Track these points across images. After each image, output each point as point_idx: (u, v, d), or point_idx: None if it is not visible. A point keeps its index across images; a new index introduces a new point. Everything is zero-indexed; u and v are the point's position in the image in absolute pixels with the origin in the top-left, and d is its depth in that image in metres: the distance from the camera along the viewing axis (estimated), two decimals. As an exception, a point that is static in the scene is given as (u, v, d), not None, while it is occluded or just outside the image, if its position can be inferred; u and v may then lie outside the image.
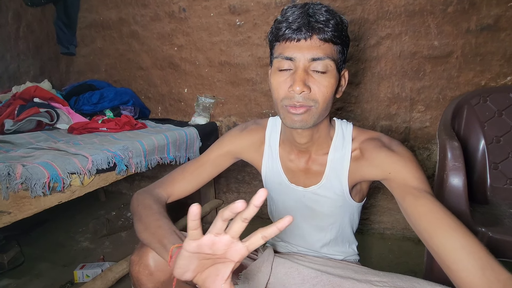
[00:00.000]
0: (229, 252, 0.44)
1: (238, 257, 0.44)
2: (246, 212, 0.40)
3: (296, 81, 0.60)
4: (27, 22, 2.34)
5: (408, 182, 0.62)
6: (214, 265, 0.47)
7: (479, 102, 1.29)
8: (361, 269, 0.71)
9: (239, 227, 0.42)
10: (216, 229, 0.42)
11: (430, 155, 1.55)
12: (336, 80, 0.64)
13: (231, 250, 0.44)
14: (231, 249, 0.44)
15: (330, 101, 0.65)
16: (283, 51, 0.63)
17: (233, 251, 0.44)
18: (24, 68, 2.43)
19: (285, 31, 0.61)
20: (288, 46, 0.62)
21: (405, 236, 1.68)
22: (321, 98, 0.63)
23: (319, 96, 0.62)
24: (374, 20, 1.48)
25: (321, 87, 0.62)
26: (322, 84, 0.62)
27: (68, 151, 1.10)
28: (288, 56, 0.62)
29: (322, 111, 0.65)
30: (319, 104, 0.63)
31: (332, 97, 0.65)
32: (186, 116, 2.03)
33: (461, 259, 0.50)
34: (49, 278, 1.44)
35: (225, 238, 0.43)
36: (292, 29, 0.60)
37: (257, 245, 0.43)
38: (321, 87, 0.62)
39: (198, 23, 1.83)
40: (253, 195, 0.39)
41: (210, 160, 0.86)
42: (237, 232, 0.43)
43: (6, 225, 0.87)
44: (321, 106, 0.63)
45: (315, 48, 0.60)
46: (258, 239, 0.42)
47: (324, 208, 0.79)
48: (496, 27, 1.32)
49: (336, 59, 0.63)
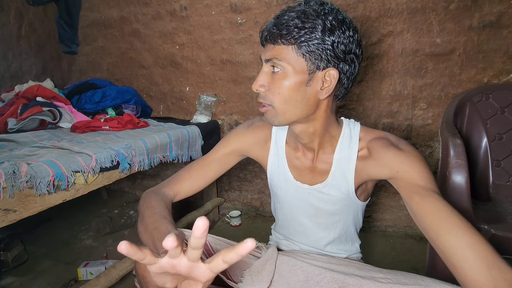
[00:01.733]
0: (194, 273, 0.42)
1: (204, 278, 0.43)
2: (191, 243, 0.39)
3: (255, 80, 0.67)
4: (29, 21, 2.34)
5: (415, 181, 0.62)
6: (187, 280, 0.46)
7: (481, 100, 1.29)
8: (365, 267, 0.72)
9: (191, 255, 0.40)
10: (172, 254, 0.41)
11: (432, 153, 1.55)
12: (297, 81, 0.64)
13: (195, 272, 0.42)
14: (195, 271, 0.42)
15: (290, 101, 0.65)
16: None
17: (197, 273, 0.42)
18: (26, 67, 2.44)
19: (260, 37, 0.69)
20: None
21: (407, 233, 1.68)
22: (275, 97, 0.66)
23: (275, 96, 0.66)
24: (376, 18, 1.48)
25: (275, 88, 0.65)
26: (276, 84, 0.65)
27: (72, 149, 1.11)
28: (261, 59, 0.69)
29: (284, 111, 0.66)
30: (275, 103, 0.66)
31: (294, 97, 0.65)
32: (188, 114, 2.03)
33: (467, 257, 0.50)
34: (53, 275, 1.45)
35: (183, 261, 0.41)
36: (260, 35, 0.69)
37: (221, 268, 0.41)
38: (275, 87, 0.65)
39: (200, 21, 1.83)
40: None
41: (216, 158, 0.87)
42: (193, 258, 0.41)
43: (11, 223, 0.87)
44: (277, 105, 0.66)
45: (268, 51, 0.66)
46: (220, 263, 0.40)
47: (328, 207, 0.79)
48: (498, 24, 1.31)
49: (293, 60, 0.63)
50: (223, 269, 0.41)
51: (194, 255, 0.40)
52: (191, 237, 0.38)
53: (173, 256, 0.40)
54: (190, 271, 0.42)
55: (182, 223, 1.64)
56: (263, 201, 1.98)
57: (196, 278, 0.43)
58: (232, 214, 1.90)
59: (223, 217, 1.98)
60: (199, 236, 0.37)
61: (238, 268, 0.76)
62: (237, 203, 2.08)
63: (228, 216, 1.92)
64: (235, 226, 1.89)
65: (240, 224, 1.90)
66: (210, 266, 0.41)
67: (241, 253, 0.37)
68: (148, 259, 0.40)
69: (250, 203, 2.03)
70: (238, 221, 1.89)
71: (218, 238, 0.80)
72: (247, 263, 0.77)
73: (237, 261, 0.39)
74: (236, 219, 1.88)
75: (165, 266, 0.41)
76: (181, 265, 0.41)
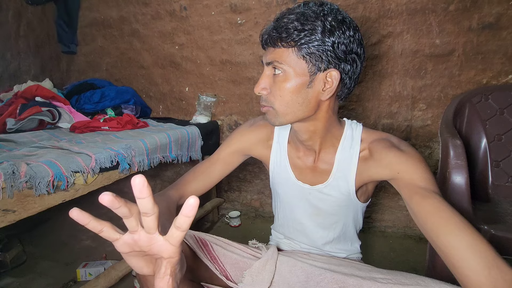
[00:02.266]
0: (154, 248, 0.41)
1: (165, 252, 0.41)
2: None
3: (257, 83, 0.68)
4: (28, 20, 2.34)
5: (416, 182, 0.62)
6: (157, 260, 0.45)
7: (480, 101, 1.29)
8: (365, 267, 0.72)
9: (146, 222, 0.39)
10: (130, 227, 0.40)
11: (431, 153, 1.55)
12: (298, 83, 0.64)
13: (155, 246, 0.41)
14: (154, 244, 0.41)
15: (292, 103, 0.66)
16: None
17: (157, 247, 0.41)
18: (25, 67, 2.43)
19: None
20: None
21: (407, 234, 1.69)
22: (276, 100, 0.67)
23: (275, 98, 0.67)
24: (375, 19, 1.48)
25: (276, 90, 0.66)
26: (277, 87, 0.66)
27: (71, 150, 1.10)
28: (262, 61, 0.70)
29: (285, 112, 0.67)
30: (275, 105, 0.67)
31: (295, 99, 0.65)
32: (187, 115, 2.03)
33: (467, 258, 0.50)
34: (52, 276, 1.45)
35: (142, 234, 0.40)
36: (260, 38, 0.70)
37: (176, 237, 0.40)
38: (276, 90, 0.66)
39: (199, 21, 1.83)
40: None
41: (220, 159, 0.88)
42: (149, 227, 0.39)
43: (10, 224, 0.87)
44: (278, 107, 0.67)
45: (269, 54, 0.67)
46: (173, 230, 0.40)
47: (328, 207, 0.79)
48: (497, 25, 1.32)
49: (294, 63, 0.63)
50: (179, 237, 0.40)
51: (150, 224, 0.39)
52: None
53: (131, 228, 0.40)
54: (150, 244, 0.41)
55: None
56: (262, 201, 1.98)
57: (159, 254, 0.42)
58: (232, 214, 1.90)
59: (223, 218, 1.98)
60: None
61: (238, 268, 0.76)
62: (236, 204, 2.07)
63: (227, 216, 1.92)
64: (234, 226, 1.89)
65: (240, 224, 1.90)
66: (166, 236, 0.41)
67: (186, 213, 0.37)
68: (107, 231, 0.39)
69: (250, 203, 2.03)
70: (237, 221, 1.89)
71: (218, 238, 0.80)
72: (247, 263, 0.77)
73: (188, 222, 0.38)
74: (236, 219, 1.88)
75: (128, 241, 0.41)
76: (141, 238, 0.40)
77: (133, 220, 0.39)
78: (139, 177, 0.35)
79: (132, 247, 0.41)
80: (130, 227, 0.40)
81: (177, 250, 0.42)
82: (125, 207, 0.37)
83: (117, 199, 0.36)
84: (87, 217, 0.37)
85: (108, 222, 0.40)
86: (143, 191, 0.36)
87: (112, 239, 0.41)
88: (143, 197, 0.36)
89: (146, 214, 0.38)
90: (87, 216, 0.37)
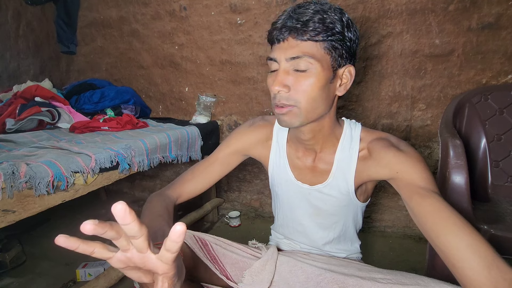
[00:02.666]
0: (149, 264, 0.41)
1: (159, 269, 0.41)
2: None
3: (275, 82, 0.63)
4: (27, 20, 2.34)
5: (416, 182, 0.62)
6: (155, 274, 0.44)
7: (480, 100, 1.30)
8: (365, 267, 0.72)
9: (136, 244, 0.38)
10: (120, 247, 0.39)
11: (431, 153, 1.56)
12: (324, 78, 0.63)
13: (149, 263, 0.41)
14: (147, 262, 0.40)
15: (318, 100, 0.65)
16: (270, 53, 0.66)
17: (151, 264, 0.41)
18: (24, 67, 2.43)
19: (272, 34, 0.65)
20: (274, 48, 0.65)
21: (406, 234, 1.69)
22: (303, 97, 0.63)
23: (301, 96, 0.63)
24: (375, 19, 1.48)
25: (302, 86, 0.63)
26: (303, 83, 0.63)
27: (71, 150, 1.10)
28: (272, 57, 0.65)
29: (309, 110, 0.65)
30: (301, 104, 0.64)
31: (320, 95, 0.64)
32: (187, 115, 2.03)
33: (467, 257, 0.50)
34: (51, 277, 1.45)
35: (135, 252, 0.40)
36: (276, 32, 0.64)
37: (167, 257, 0.39)
38: (302, 86, 0.63)
39: (199, 21, 1.83)
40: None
41: (218, 159, 0.87)
42: (139, 248, 0.39)
43: (10, 224, 0.87)
44: (304, 106, 0.64)
45: (292, 48, 0.62)
46: (164, 252, 0.39)
47: (328, 207, 0.79)
48: (497, 25, 1.32)
49: (320, 57, 0.62)
50: (171, 258, 0.40)
51: (141, 245, 0.38)
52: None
53: (122, 248, 0.39)
54: (144, 262, 0.41)
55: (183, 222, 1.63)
56: (262, 201, 1.98)
57: (153, 270, 0.41)
58: (231, 214, 1.90)
59: (222, 218, 1.98)
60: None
61: (238, 268, 0.76)
62: (236, 204, 2.07)
63: (227, 216, 1.92)
64: (234, 226, 1.89)
65: (240, 224, 1.90)
66: (158, 256, 0.40)
67: (174, 239, 0.36)
68: (98, 251, 0.38)
69: (249, 203, 2.03)
70: (237, 221, 1.89)
71: (218, 238, 0.80)
72: (247, 263, 0.77)
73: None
74: (235, 219, 1.88)
75: (121, 259, 0.40)
76: (134, 256, 0.40)
77: (122, 240, 0.38)
78: (120, 204, 0.34)
79: (126, 263, 0.41)
80: (121, 246, 0.39)
81: (171, 266, 0.41)
82: (111, 231, 0.36)
83: (100, 225, 0.34)
84: (74, 241, 0.36)
85: (99, 242, 0.38)
86: (126, 218, 0.34)
87: (105, 258, 0.40)
88: (127, 223, 0.35)
89: (134, 237, 0.37)
90: (74, 241, 0.36)
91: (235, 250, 0.79)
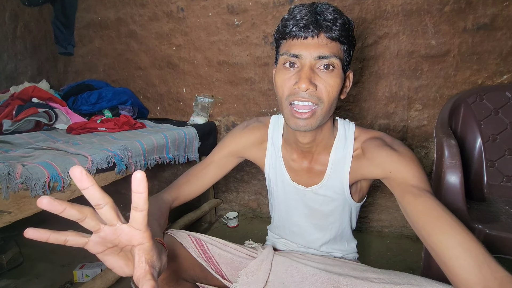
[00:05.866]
0: (123, 238, 0.41)
1: (134, 239, 0.41)
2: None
3: (302, 78, 0.60)
4: (25, 22, 2.33)
5: (408, 181, 0.63)
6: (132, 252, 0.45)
7: (475, 101, 1.30)
8: (360, 267, 0.72)
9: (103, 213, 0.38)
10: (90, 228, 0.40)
11: (427, 153, 1.56)
12: (341, 80, 0.64)
13: (122, 236, 0.41)
14: (121, 235, 0.41)
15: (334, 101, 0.65)
16: (290, 48, 0.63)
17: (125, 236, 0.41)
18: (22, 68, 2.42)
19: (292, 29, 0.61)
20: (295, 43, 0.62)
21: (403, 234, 1.69)
22: (326, 97, 0.62)
23: (325, 95, 0.62)
24: (371, 20, 1.49)
25: (327, 86, 0.62)
26: (328, 83, 0.62)
27: (68, 151, 1.10)
28: (295, 54, 0.62)
29: (327, 112, 0.65)
30: (324, 104, 0.63)
31: (337, 97, 0.65)
32: (184, 116, 2.03)
33: (458, 256, 0.50)
34: (49, 278, 1.44)
35: (107, 229, 0.40)
36: (299, 27, 0.60)
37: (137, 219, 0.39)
38: (327, 85, 0.62)
39: (197, 22, 1.84)
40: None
41: (214, 161, 0.87)
42: (108, 218, 0.39)
43: (6, 225, 0.87)
44: (326, 106, 0.63)
45: (322, 46, 0.60)
46: (133, 214, 0.39)
47: (324, 208, 0.79)
48: (492, 26, 1.33)
49: (342, 59, 0.63)
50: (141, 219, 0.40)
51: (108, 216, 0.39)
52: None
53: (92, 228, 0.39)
54: (117, 236, 0.41)
55: (178, 224, 1.63)
56: (260, 202, 1.99)
57: (128, 242, 0.42)
58: (229, 215, 1.90)
59: (220, 219, 1.98)
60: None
61: (233, 268, 0.76)
62: (234, 205, 2.08)
63: (225, 217, 1.92)
64: (232, 227, 1.89)
65: (237, 225, 1.90)
66: (129, 223, 0.41)
67: (135, 189, 0.37)
68: (72, 239, 0.39)
69: (247, 204, 2.03)
70: (235, 222, 1.89)
71: (213, 238, 0.80)
72: (243, 263, 0.77)
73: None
74: (233, 220, 1.88)
75: (97, 240, 0.41)
76: (108, 234, 0.40)
77: (90, 221, 0.39)
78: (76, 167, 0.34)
79: (103, 244, 0.41)
80: (90, 227, 0.39)
81: (145, 235, 0.41)
82: (72, 209, 0.36)
83: (58, 201, 0.34)
84: (44, 232, 0.36)
85: (71, 231, 0.39)
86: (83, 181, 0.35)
87: (81, 245, 0.40)
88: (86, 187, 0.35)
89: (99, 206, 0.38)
90: (44, 232, 0.36)
91: (230, 250, 0.79)
